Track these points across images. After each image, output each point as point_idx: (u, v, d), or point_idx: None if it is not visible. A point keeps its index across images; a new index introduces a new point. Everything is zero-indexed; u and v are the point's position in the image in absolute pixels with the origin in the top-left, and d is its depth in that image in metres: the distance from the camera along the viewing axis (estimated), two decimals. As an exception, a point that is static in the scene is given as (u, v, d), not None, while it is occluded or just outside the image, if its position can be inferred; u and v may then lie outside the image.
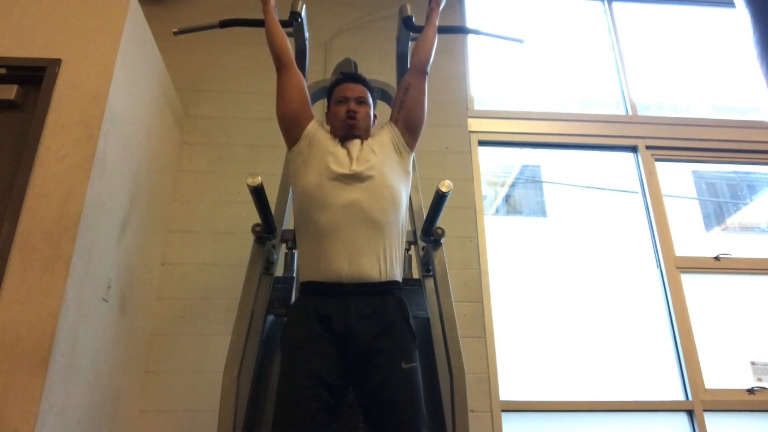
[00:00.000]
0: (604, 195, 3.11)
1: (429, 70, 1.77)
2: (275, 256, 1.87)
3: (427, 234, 1.79)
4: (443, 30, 1.94)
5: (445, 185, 1.65)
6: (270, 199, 1.73)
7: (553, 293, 2.78)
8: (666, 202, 3.00)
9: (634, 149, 3.15)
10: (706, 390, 2.60)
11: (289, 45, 1.76)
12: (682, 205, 3.11)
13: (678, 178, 3.17)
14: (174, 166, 2.76)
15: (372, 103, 1.75)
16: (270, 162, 2.73)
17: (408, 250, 1.96)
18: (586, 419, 2.54)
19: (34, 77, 1.92)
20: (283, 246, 1.96)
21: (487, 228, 2.82)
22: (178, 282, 2.56)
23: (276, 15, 1.80)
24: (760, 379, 2.65)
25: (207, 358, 2.41)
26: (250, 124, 2.91)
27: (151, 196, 2.42)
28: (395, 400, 1.36)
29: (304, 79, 1.78)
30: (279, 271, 1.88)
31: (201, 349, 2.44)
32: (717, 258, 2.89)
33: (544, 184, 3.19)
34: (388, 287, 1.51)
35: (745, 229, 3.18)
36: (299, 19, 1.93)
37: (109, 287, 1.97)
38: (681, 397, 2.60)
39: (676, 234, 2.92)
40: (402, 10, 2.01)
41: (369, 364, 1.41)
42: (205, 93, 2.98)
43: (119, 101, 2.01)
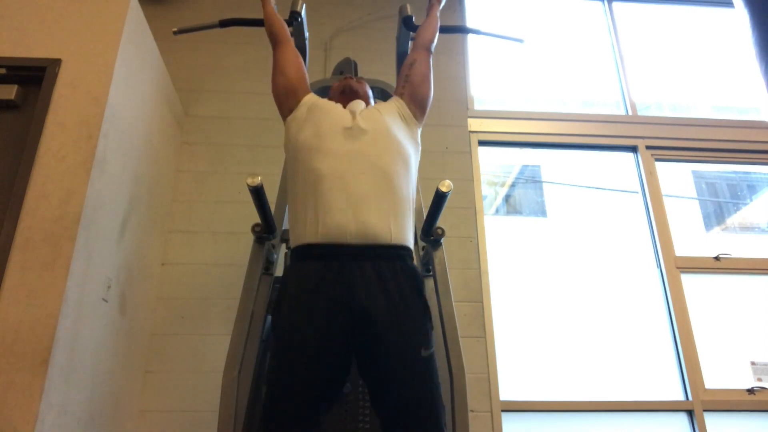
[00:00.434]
0: (604, 195, 3.11)
1: (433, 49, 1.76)
2: (275, 256, 1.87)
3: (427, 234, 1.79)
4: (443, 30, 1.94)
5: (445, 185, 1.65)
6: (270, 199, 1.73)
7: (553, 293, 2.78)
8: (666, 202, 3.00)
9: (634, 149, 3.15)
10: (706, 390, 2.60)
11: (286, 27, 1.76)
12: (682, 205, 3.11)
13: (678, 178, 3.17)
14: (174, 166, 2.75)
15: (371, 92, 1.75)
16: (270, 162, 2.73)
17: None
18: (586, 419, 2.54)
19: (34, 77, 1.92)
20: (283, 246, 1.96)
21: (487, 228, 2.82)
22: (178, 282, 2.56)
23: (274, 9, 1.80)
24: (760, 379, 2.65)
25: (207, 358, 2.41)
26: (250, 124, 2.91)
27: (151, 196, 2.42)
28: (414, 399, 1.19)
29: (302, 59, 1.74)
30: (279, 271, 1.88)
31: (201, 349, 2.44)
32: (717, 258, 2.89)
33: (544, 184, 3.19)
34: (400, 252, 1.32)
35: (745, 229, 3.18)
36: (299, 19, 1.93)
37: (109, 287, 1.97)
38: (681, 397, 2.60)
39: (676, 234, 2.92)
40: (402, 10, 2.01)
41: (380, 346, 1.22)
42: (205, 93, 2.98)
43: (119, 101, 2.01)
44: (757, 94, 3.33)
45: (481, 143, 3.05)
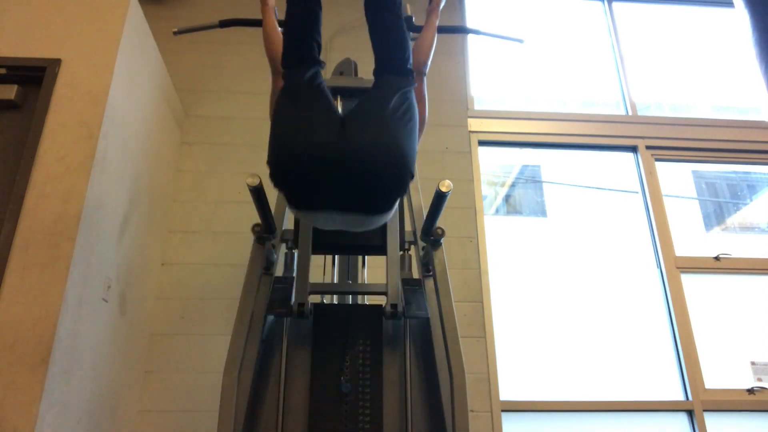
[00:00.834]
0: (604, 195, 3.11)
1: (427, 71, 1.77)
2: (275, 256, 1.87)
3: (427, 234, 1.79)
4: (443, 30, 1.94)
5: (445, 185, 1.64)
6: (270, 199, 1.73)
7: (553, 293, 2.78)
8: (666, 202, 3.00)
9: (634, 149, 3.15)
10: (706, 390, 2.60)
11: None
12: (682, 205, 3.11)
13: (678, 178, 3.17)
14: (174, 166, 2.76)
15: None
16: (270, 162, 2.72)
17: (408, 250, 1.97)
18: (586, 419, 2.54)
19: (34, 77, 1.92)
20: (283, 246, 1.96)
21: (487, 228, 2.82)
22: (178, 282, 2.56)
23: (275, 16, 1.80)
24: (760, 379, 2.65)
25: (207, 358, 2.41)
26: (250, 124, 2.92)
27: (151, 196, 2.42)
28: None
29: None
30: (279, 271, 1.88)
31: (201, 349, 2.44)
32: (717, 258, 2.89)
33: (544, 184, 3.19)
34: None
35: (745, 229, 3.18)
36: (299, 19, 1.92)
37: (109, 287, 1.97)
38: (681, 397, 2.60)
39: (676, 234, 2.92)
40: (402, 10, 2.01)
41: None
42: (205, 93, 2.98)
43: (119, 101, 2.01)
44: (757, 94, 3.33)
45: (481, 143, 3.05)
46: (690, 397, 2.57)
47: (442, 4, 1.92)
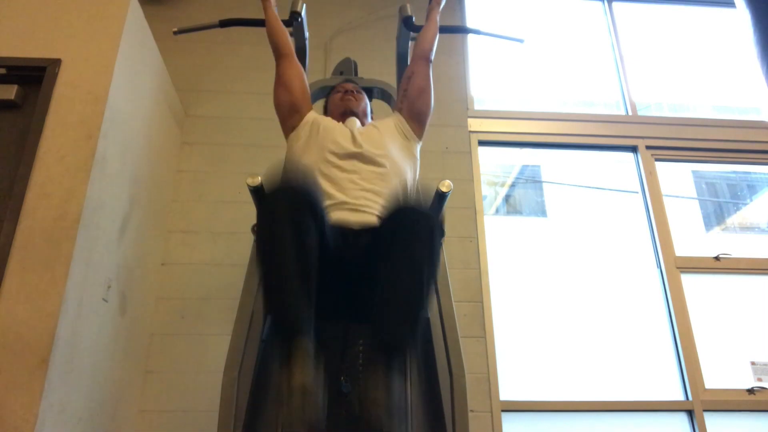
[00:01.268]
0: (604, 195, 3.11)
1: (432, 58, 1.77)
2: (275, 256, 1.86)
3: (427, 234, 1.78)
4: (443, 30, 1.94)
5: (446, 185, 1.64)
6: (270, 199, 1.72)
7: (553, 293, 2.78)
8: (666, 202, 3.00)
9: (634, 149, 3.15)
10: (706, 390, 2.60)
11: (289, 37, 1.78)
12: (682, 205, 3.11)
13: (678, 178, 3.17)
14: (174, 166, 2.75)
15: (368, 101, 1.78)
16: (270, 162, 2.72)
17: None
18: (586, 419, 2.54)
19: (34, 77, 1.92)
20: (283, 246, 1.96)
21: (487, 228, 2.82)
22: (178, 282, 2.56)
23: (276, 14, 1.81)
24: (760, 379, 2.65)
25: (207, 358, 2.41)
26: (250, 124, 2.91)
27: (151, 196, 2.42)
28: None
29: (304, 72, 1.80)
30: (279, 271, 1.88)
31: (201, 349, 2.44)
32: (717, 258, 2.89)
33: (544, 184, 3.19)
34: None
35: (745, 229, 3.18)
36: (299, 19, 1.93)
37: (109, 287, 1.97)
38: (681, 397, 2.60)
39: (676, 234, 2.92)
40: (402, 10, 2.01)
41: None
42: (205, 93, 2.98)
43: (119, 101, 2.01)
44: (757, 94, 3.34)
45: (481, 143, 3.05)
46: (690, 397, 2.57)
47: (443, 3, 1.92)
